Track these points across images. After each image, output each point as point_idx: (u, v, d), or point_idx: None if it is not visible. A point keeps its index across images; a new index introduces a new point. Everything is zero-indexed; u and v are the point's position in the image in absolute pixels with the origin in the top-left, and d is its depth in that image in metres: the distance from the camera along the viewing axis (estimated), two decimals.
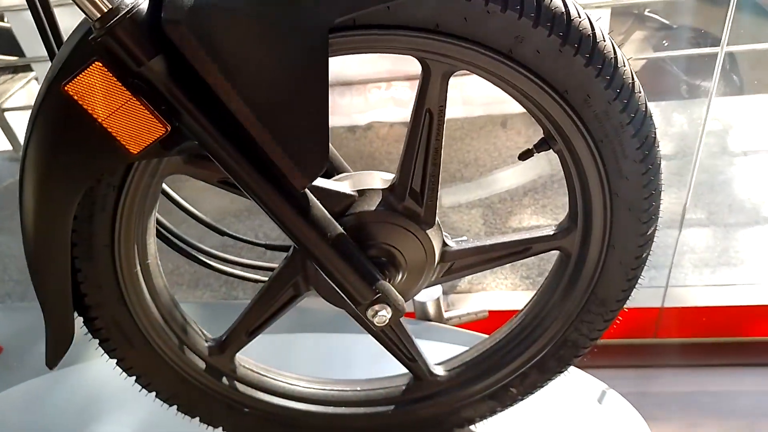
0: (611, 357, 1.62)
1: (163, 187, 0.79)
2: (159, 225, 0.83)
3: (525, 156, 0.73)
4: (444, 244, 0.77)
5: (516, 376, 0.86)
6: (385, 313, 0.67)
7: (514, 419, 0.94)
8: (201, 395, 0.82)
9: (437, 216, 0.74)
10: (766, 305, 1.71)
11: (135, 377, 0.79)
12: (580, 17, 0.59)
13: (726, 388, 1.64)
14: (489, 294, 1.94)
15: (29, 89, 3.99)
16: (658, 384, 1.64)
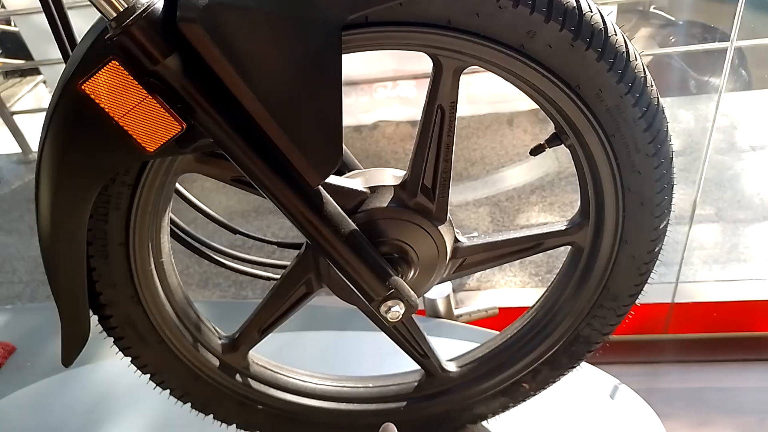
0: (621, 353, 1.62)
1: (176, 186, 0.79)
2: (172, 224, 0.84)
3: (536, 151, 0.74)
4: (455, 240, 0.77)
5: (528, 371, 0.86)
6: (398, 309, 0.67)
7: (526, 415, 0.94)
8: (214, 392, 0.83)
9: (448, 212, 0.74)
10: None
11: (149, 375, 0.79)
12: (591, 12, 0.60)
13: (735, 384, 1.63)
14: (498, 291, 1.94)
15: (37, 93, 4.01)
16: (667, 380, 1.64)
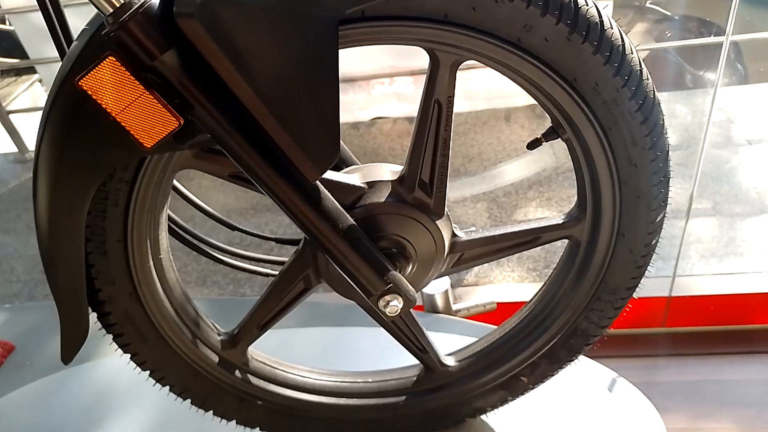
0: (619, 347, 1.62)
1: (174, 183, 0.79)
2: (170, 221, 0.84)
3: (533, 145, 0.74)
4: (453, 234, 0.77)
5: (526, 365, 0.87)
6: (397, 303, 0.67)
7: (525, 409, 0.94)
8: (214, 388, 0.83)
9: (446, 207, 0.75)
10: None
11: (149, 372, 0.80)
12: (587, 5, 0.60)
13: (733, 376, 1.64)
14: (496, 287, 1.95)
15: (33, 92, 4.00)
16: (665, 373, 1.64)
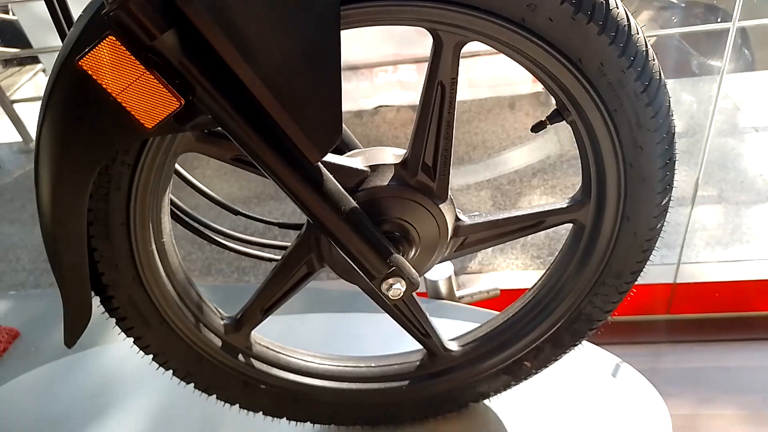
0: (624, 334, 1.62)
1: (176, 167, 0.79)
2: (173, 206, 0.84)
3: (538, 128, 0.73)
4: (457, 218, 0.77)
5: (530, 350, 0.86)
6: (400, 287, 0.67)
7: (528, 393, 0.94)
8: (218, 373, 0.83)
9: (449, 191, 0.74)
10: None
11: (152, 356, 0.80)
12: None
13: (738, 363, 1.63)
14: (500, 274, 1.94)
15: (36, 81, 4.00)
16: (669, 360, 1.64)
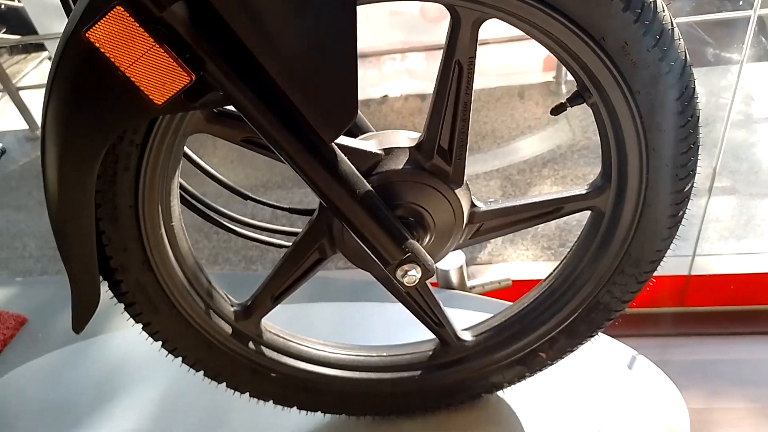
0: (637, 326, 1.60)
1: (186, 151, 0.77)
2: (182, 190, 0.82)
3: (558, 110, 0.71)
4: (472, 204, 0.75)
5: (545, 340, 0.85)
6: (415, 273, 0.65)
7: (542, 384, 0.93)
8: (227, 360, 0.81)
9: (465, 175, 0.72)
10: None
11: (161, 342, 0.78)
12: None
13: (750, 356, 1.61)
14: (510, 265, 1.92)
15: (42, 69, 3.99)
16: (682, 352, 1.62)
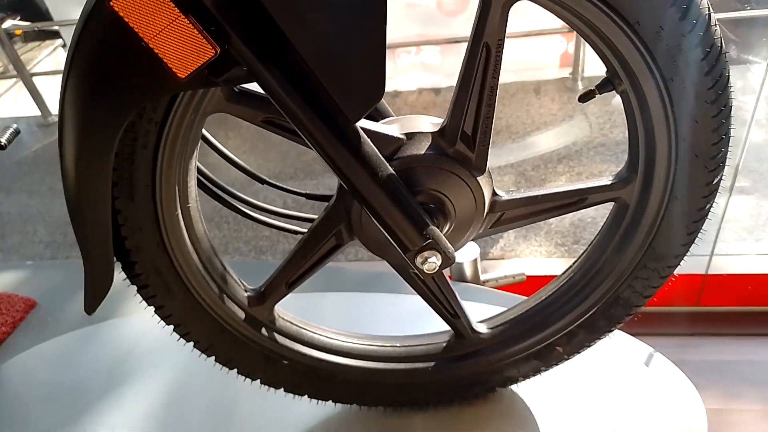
0: (653, 325, 1.58)
1: (203, 133, 0.76)
2: (199, 173, 0.81)
3: (586, 97, 0.69)
4: (494, 192, 0.73)
5: (563, 334, 0.83)
6: (435, 261, 0.63)
7: (557, 380, 0.91)
8: (240, 346, 0.80)
9: (488, 163, 0.71)
10: None
11: (173, 326, 0.77)
12: None
13: (766, 357, 1.59)
14: (522, 260, 1.91)
15: (56, 57, 4.01)
16: (698, 352, 1.60)
